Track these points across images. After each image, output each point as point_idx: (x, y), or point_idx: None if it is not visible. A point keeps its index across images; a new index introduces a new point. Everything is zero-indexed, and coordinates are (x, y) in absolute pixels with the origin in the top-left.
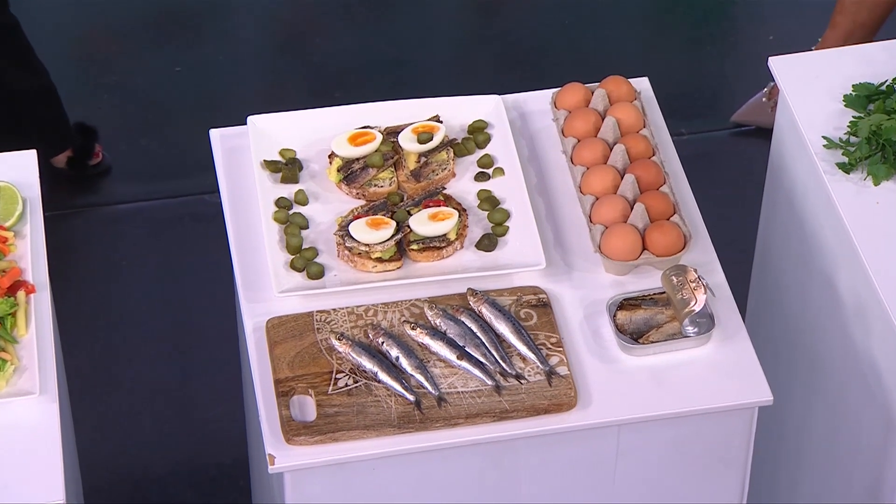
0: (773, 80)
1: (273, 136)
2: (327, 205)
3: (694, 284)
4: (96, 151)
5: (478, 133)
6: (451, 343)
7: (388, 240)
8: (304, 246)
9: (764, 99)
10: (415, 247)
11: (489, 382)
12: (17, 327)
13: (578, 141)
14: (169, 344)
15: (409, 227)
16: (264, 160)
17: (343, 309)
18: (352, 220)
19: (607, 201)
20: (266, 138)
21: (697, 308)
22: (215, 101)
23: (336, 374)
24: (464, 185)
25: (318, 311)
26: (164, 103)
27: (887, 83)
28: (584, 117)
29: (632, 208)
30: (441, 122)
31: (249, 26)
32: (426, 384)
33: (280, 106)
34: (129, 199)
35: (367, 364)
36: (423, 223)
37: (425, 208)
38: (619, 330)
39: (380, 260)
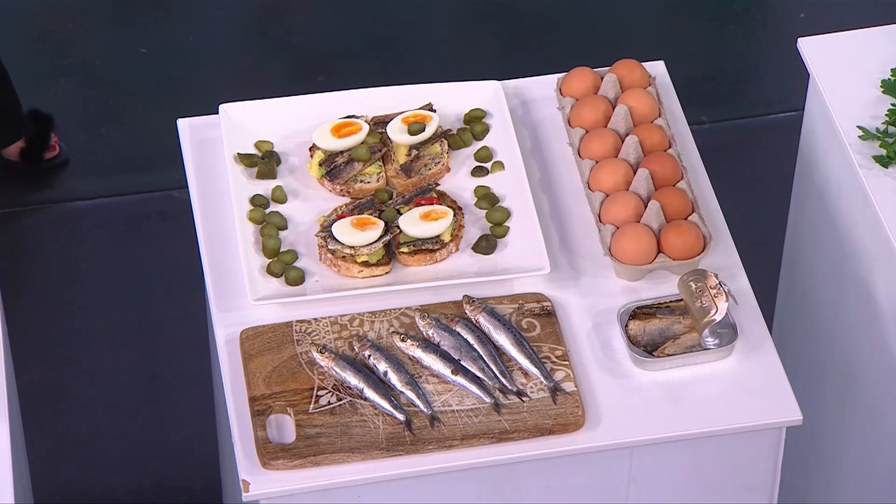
0: (803, 63)
1: (248, 126)
2: (308, 203)
3: (714, 291)
4: (52, 142)
5: (475, 123)
6: (445, 356)
7: (376, 242)
8: (283, 248)
9: None
10: (405, 249)
11: (487, 400)
12: None
13: (586, 132)
14: (133, 357)
15: (398, 227)
16: (238, 153)
17: (325, 318)
18: (335, 220)
19: (618, 199)
20: (240, 129)
21: (718, 317)
22: (184, 86)
23: (318, 390)
24: (459, 181)
25: (297, 321)
26: (127, 89)
27: None
28: (592, 105)
29: (645, 206)
30: (434, 110)
31: (223, 3)
32: (417, 402)
33: (256, 93)
34: (89, 195)
35: (353, 380)
36: (414, 223)
37: (417, 207)
38: (632, 342)
39: (366, 264)
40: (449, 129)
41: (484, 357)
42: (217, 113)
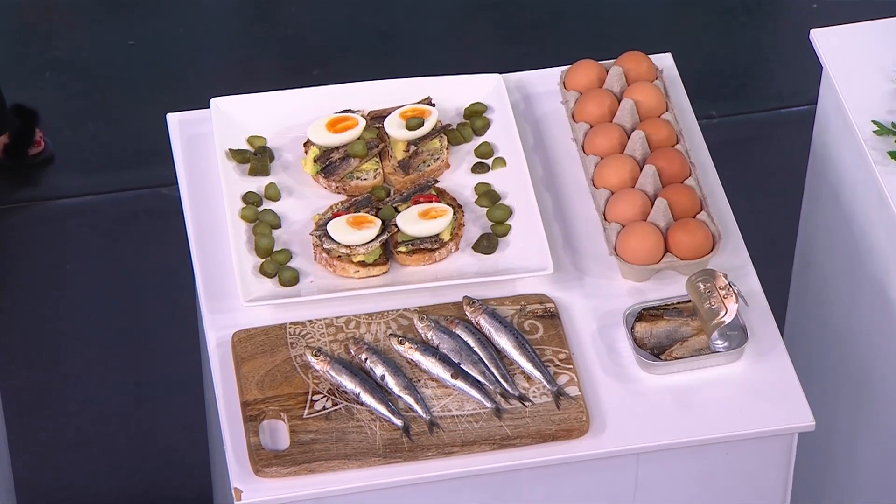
0: (816, 55)
1: (240, 121)
2: (302, 200)
3: (724, 292)
4: (37, 138)
5: (476, 118)
6: (444, 359)
7: (373, 241)
8: (276, 248)
9: None
10: (403, 249)
11: (488, 405)
12: None
13: (591, 127)
14: (122, 360)
15: (396, 226)
16: (230, 149)
17: (320, 320)
18: (330, 219)
19: (624, 196)
20: (232, 124)
21: (728, 319)
22: (174, 80)
23: (312, 395)
24: (459, 178)
25: (291, 323)
26: (115, 83)
27: None
28: (597, 99)
29: (652, 204)
30: (433, 104)
31: None
32: (416, 407)
33: (248, 86)
34: (75, 192)
35: (348, 384)
36: (412, 221)
37: (415, 204)
38: (638, 344)
39: (363, 264)
40: (448, 123)
41: (485, 360)
42: (208, 107)
